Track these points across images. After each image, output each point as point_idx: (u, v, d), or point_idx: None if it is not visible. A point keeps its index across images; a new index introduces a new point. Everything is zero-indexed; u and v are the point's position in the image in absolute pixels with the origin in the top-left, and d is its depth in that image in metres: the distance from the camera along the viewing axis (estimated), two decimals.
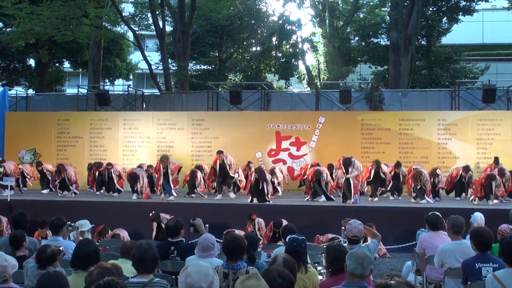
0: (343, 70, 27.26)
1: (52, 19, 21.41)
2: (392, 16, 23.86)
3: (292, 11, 30.11)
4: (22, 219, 7.53)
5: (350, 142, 17.58)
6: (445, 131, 17.60)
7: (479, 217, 8.22)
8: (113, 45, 28.99)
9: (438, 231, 7.16)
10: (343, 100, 19.18)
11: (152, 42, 37.41)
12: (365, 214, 11.58)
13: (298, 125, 18.25)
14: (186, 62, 24.60)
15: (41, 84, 28.14)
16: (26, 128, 19.67)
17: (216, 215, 12.84)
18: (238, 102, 19.55)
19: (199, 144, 18.62)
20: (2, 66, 29.07)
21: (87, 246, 5.05)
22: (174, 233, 6.71)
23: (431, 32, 27.64)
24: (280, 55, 30.23)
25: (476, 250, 5.63)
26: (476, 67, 28.19)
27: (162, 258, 6.04)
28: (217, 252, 5.82)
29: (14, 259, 4.89)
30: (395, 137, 17.74)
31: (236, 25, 29.88)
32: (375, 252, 6.33)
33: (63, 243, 6.71)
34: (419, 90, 21.58)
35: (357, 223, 6.19)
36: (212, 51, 31.00)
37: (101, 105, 20.25)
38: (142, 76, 40.81)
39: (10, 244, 6.27)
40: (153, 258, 4.76)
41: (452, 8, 27.23)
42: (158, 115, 19.48)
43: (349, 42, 28.06)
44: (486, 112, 18.01)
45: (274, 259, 4.77)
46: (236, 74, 31.34)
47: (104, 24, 26.67)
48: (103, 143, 19.27)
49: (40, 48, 25.38)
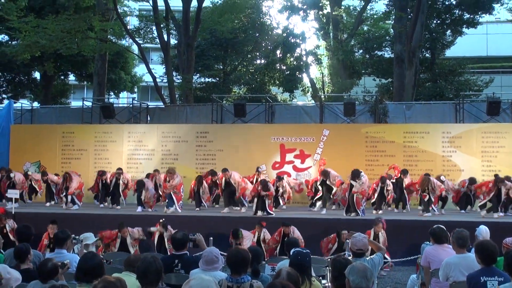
0: (347, 82, 27.27)
1: (58, 32, 21.59)
2: (396, 29, 23.92)
3: (296, 24, 30.16)
4: (26, 232, 7.54)
5: (355, 154, 17.55)
6: (449, 144, 17.56)
7: (484, 230, 8.17)
8: (118, 58, 29.14)
9: (443, 244, 7.13)
10: (348, 113, 19.18)
11: (156, 55, 37.56)
12: (370, 227, 11.55)
13: (302, 138, 18.23)
14: (190, 75, 24.68)
15: (46, 97, 28.27)
16: (31, 140, 19.71)
17: (222, 228, 12.83)
18: (242, 115, 19.56)
19: (204, 156, 18.62)
20: (7, 79, 29.26)
21: (91, 260, 5.02)
22: (180, 246, 6.69)
23: (435, 45, 27.69)
24: (284, 68, 30.31)
25: (481, 263, 5.60)
26: (480, 79, 28.21)
27: (166, 271, 6.02)
28: (221, 266, 5.80)
29: (18, 272, 4.89)
30: (400, 150, 17.70)
31: (240, 38, 30.00)
32: (379, 265, 6.31)
33: (67, 256, 6.71)
34: (423, 103, 21.57)
35: (362, 236, 6.17)
36: (217, 64, 31.10)
37: (105, 117, 20.30)
38: (146, 88, 40.97)
39: (15, 257, 6.26)
40: (157, 271, 4.74)
41: (456, 20, 27.30)
42: (163, 127, 19.51)
43: (353, 54, 28.09)
44: (491, 125, 17.97)
45: (278, 272, 4.76)
46: (241, 86, 31.39)
47: (109, 37, 26.83)
48: (107, 156, 19.29)
49: (45, 61, 25.55)
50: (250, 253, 5.32)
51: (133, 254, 6.48)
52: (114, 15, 25.25)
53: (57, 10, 23.95)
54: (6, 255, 7.32)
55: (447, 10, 27.29)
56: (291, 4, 29.44)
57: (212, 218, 13.98)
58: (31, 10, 24.12)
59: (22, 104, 24.46)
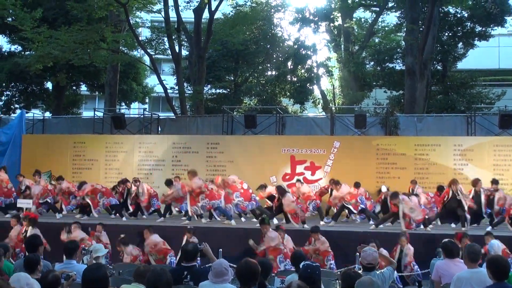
0: (358, 94, 27.23)
1: (70, 43, 21.74)
2: (408, 41, 23.88)
3: (307, 36, 30.17)
4: (36, 242, 7.56)
5: (365, 167, 17.49)
6: (461, 157, 17.45)
7: (496, 245, 8.12)
8: (130, 69, 29.28)
9: (454, 258, 7.08)
10: (358, 125, 19.12)
11: (168, 66, 37.76)
12: (384, 237, 11.49)
13: (313, 150, 18.19)
14: (201, 86, 24.75)
15: (58, 107, 28.42)
16: (43, 150, 19.82)
17: (231, 239, 12.82)
18: (253, 126, 19.58)
19: (214, 168, 18.63)
20: (20, 89, 29.47)
21: (96, 271, 4.95)
22: (191, 257, 6.67)
23: (447, 57, 27.64)
24: (295, 80, 30.28)
25: (493, 278, 5.53)
26: (492, 92, 28.07)
27: (176, 282, 6.00)
28: (230, 278, 5.78)
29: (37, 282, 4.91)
30: (411, 162, 17.62)
31: (251, 49, 30.08)
32: (390, 279, 6.26)
33: (76, 267, 6.71)
34: (434, 115, 21.51)
35: (372, 250, 6.13)
36: (228, 75, 31.17)
37: (117, 128, 20.37)
38: (158, 99, 41.12)
39: (25, 267, 6.26)
40: (167, 283, 4.73)
41: (468, 33, 27.25)
42: (173, 138, 19.56)
43: (364, 66, 28.06)
44: (503, 138, 17.87)
45: (288, 285, 4.75)
46: (251, 98, 31.44)
47: (121, 48, 27.00)
48: (118, 166, 19.34)
49: (57, 71, 25.73)
50: (259, 265, 5.30)
51: (142, 265, 6.45)
52: (126, 26, 25.40)
53: (70, 21, 24.10)
54: (15, 265, 7.34)
55: (459, 23, 27.25)
56: (302, 16, 29.48)
57: (222, 230, 13.93)
58: (44, 21, 24.29)
59: (34, 114, 24.62)
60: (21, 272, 5.18)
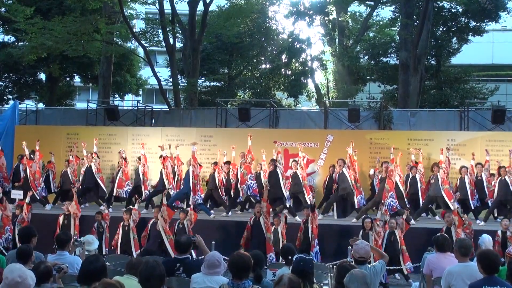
0: (352, 88, 27.27)
1: (64, 34, 21.63)
2: (402, 36, 23.90)
3: (302, 30, 30.18)
4: (28, 233, 7.55)
5: (358, 160, 17.41)
6: (453, 151, 17.50)
7: (487, 240, 8.18)
8: (124, 61, 29.20)
9: (446, 252, 7.12)
10: (352, 119, 19.17)
11: (162, 58, 37.66)
12: None
13: (306, 143, 18.18)
14: (195, 79, 24.71)
15: (51, 98, 28.33)
16: (36, 141, 19.72)
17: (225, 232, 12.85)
18: (246, 119, 19.57)
19: (207, 160, 18.57)
20: (13, 80, 29.35)
21: (95, 263, 5.01)
22: (184, 250, 6.69)
23: (441, 52, 27.66)
24: (289, 73, 30.29)
25: (484, 273, 5.58)
26: (485, 87, 28.14)
27: (168, 274, 6.01)
28: (223, 270, 5.80)
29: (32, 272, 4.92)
30: (404, 157, 17.65)
31: (246, 42, 30.01)
32: (381, 272, 6.30)
33: (68, 258, 6.73)
34: (428, 110, 21.54)
35: (364, 244, 6.16)
36: (222, 68, 31.10)
37: (110, 120, 20.33)
38: (151, 91, 41.01)
39: (17, 258, 6.27)
40: (161, 276, 4.76)
41: (462, 28, 27.27)
42: (167, 130, 19.51)
43: (358, 61, 28.06)
44: (496, 133, 17.93)
45: (279, 278, 4.76)
46: (245, 91, 31.40)
47: (115, 39, 26.88)
48: (111, 158, 19.31)
49: (51, 62, 25.62)
50: (252, 258, 5.32)
51: (135, 258, 6.47)
52: (120, 18, 25.31)
53: (64, 12, 24.01)
54: (8, 256, 7.33)
55: (453, 18, 27.26)
56: (297, 10, 29.47)
57: (217, 222, 13.97)
58: (38, 11, 24.17)
59: (27, 105, 24.47)
60: (16, 264, 5.17)
